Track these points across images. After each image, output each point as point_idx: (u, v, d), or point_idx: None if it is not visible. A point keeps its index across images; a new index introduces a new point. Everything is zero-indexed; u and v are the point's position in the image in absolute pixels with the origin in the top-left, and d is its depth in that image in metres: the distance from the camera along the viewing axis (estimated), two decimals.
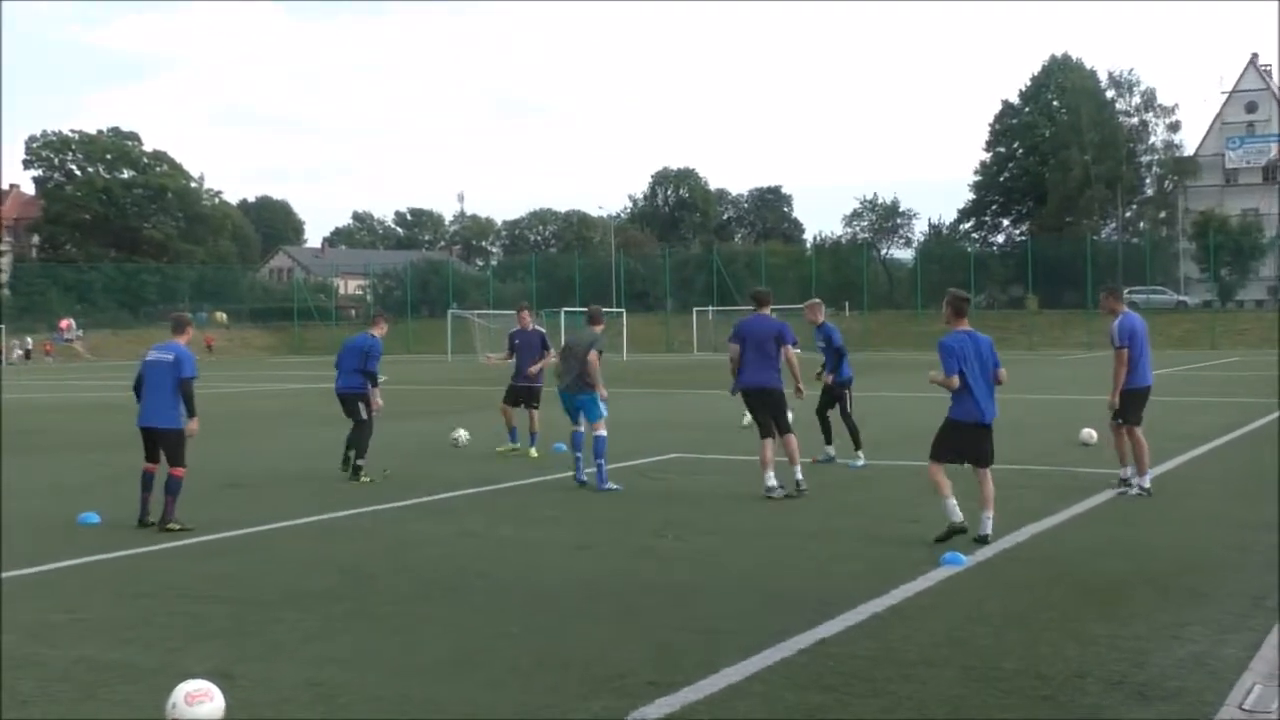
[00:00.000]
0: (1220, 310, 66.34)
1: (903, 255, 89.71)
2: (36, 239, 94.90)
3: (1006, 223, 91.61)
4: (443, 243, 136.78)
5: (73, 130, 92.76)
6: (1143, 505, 10.66)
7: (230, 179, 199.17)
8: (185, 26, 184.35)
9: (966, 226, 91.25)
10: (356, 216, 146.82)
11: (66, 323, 69.46)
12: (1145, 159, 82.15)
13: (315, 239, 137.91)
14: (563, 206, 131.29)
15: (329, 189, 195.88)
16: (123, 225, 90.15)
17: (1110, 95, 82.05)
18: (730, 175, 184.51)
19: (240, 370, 48.34)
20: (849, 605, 6.93)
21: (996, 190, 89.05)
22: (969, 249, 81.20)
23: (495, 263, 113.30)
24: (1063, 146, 79.99)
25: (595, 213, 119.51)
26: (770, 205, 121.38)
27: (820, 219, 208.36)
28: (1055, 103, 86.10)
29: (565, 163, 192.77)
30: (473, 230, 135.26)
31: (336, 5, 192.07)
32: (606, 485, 11.74)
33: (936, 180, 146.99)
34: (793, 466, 11.32)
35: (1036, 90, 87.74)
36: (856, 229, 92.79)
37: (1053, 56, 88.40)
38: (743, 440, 16.74)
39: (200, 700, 4.93)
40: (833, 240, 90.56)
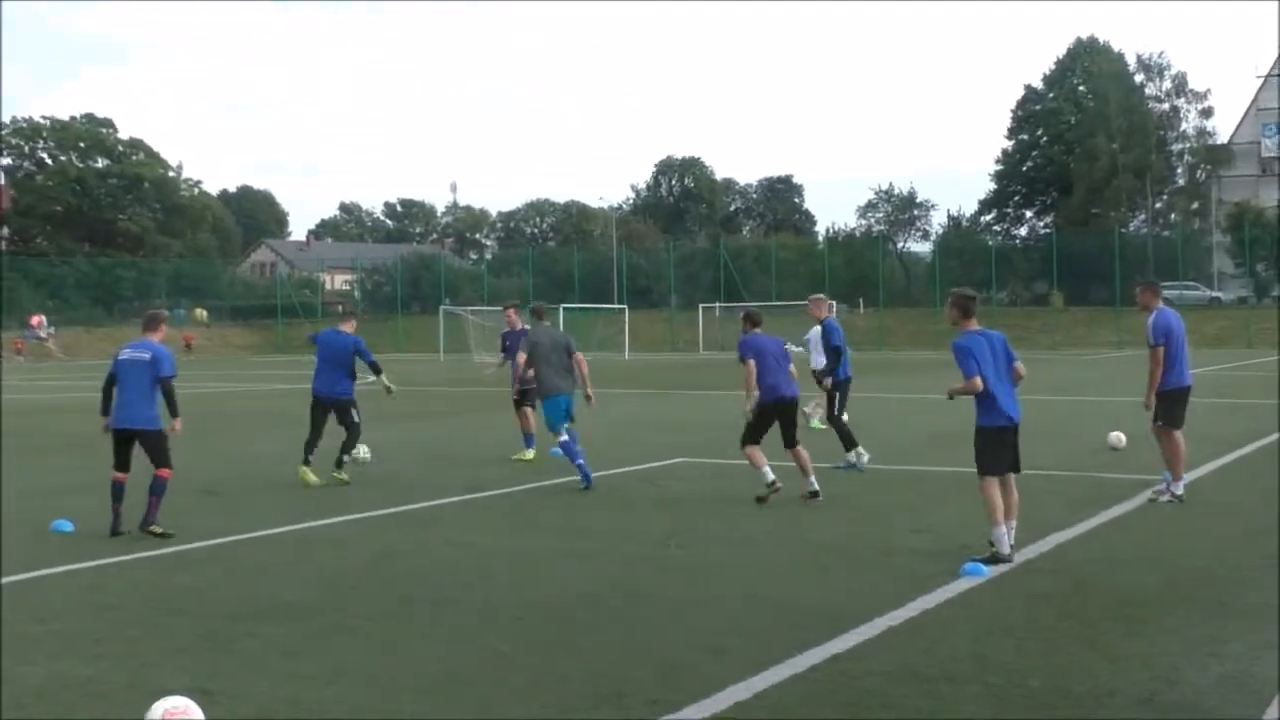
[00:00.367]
0: (1256, 307, 66.21)
1: (920, 249, 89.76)
2: (5, 231, 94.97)
3: (1029, 214, 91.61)
4: (434, 235, 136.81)
5: (44, 116, 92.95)
6: (1173, 514, 10.63)
7: (210, 168, 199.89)
8: (162, 10, 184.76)
9: (987, 218, 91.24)
10: (343, 208, 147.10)
11: (38, 319, 69.49)
12: (1176, 147, 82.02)
13: (300, 231, 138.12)
14: (561, 197, 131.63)
15: (314, 179, 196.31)
16: (96, 217, 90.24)
17: (1139, 80, 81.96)
18: (738, 164, 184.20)
19: (220, 370, 48.37)
20: (863, 619, 6.90)
21: (1019, 180, 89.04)
22: (990, 242, 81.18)
23: (490, 256, 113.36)
24: (1089, 134, 79.97)
25: (595, 204, 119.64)
26: (780, 196, 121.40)
27: (833, 210, 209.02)
28: (1081, 88, 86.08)
29: (564, 151, 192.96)
30: (466, 222, 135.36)
31: None
32: (586, 471, 12.45)
33: (956, 169, 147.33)
34: (807, 477, 11.42)
35: (1061, 74, 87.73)
36: (871, 221, 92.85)
37: (1079, 39, 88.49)
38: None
39: (179, 718, 4.95)
40: (846, 233, 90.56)
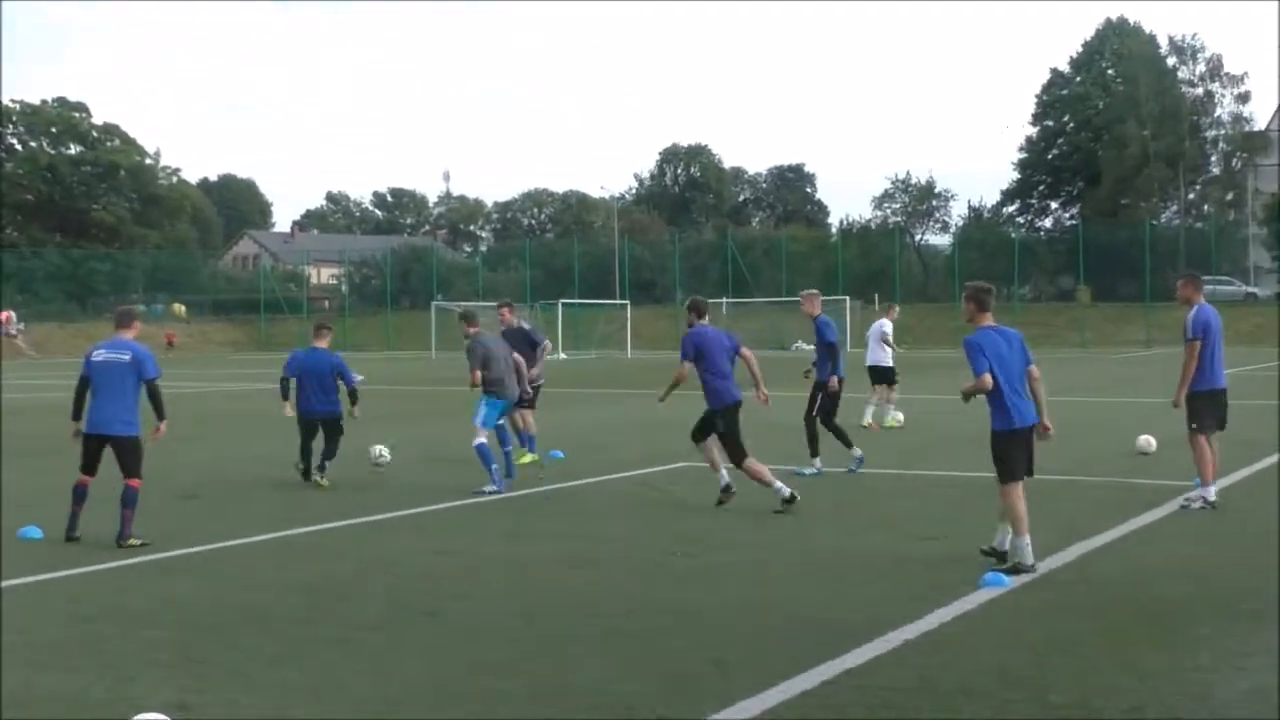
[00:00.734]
0: None
1: (939, 242, 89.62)
2: None
3: (1055, 205, 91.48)
4: (426, 227, 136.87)
5: (13, 100, 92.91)
6: (1204, 521, 10.64)
7: (190, 155, 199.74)
8: None
9: (1010, 210, 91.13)
10: (330, 197, 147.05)
11: (7, 315, 69.51)
12: (1210, 134, 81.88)
13: (284, 222, 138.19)
14: (560, 187, 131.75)
15: (300, 167, 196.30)
16: (69, 206, 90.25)
17: (1171, 63, 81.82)
18: (747, 152, 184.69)
19: (200, 368, 48.41)
20: (877, 631, 6.93)
21: (1044, 169, 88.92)
22: (1013, 234, 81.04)
23: (485, 249, 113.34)
24: (1118, 120, 79.83)
25: (596, 194, 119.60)
26: (791, 185, 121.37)
27: (847, 201, 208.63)
28: (1110, 71, 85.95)
29: (563, 138, 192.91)
30: (460, 213, 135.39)
31: None
32: (512, 477, 13.15)
33: (977, 158, 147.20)
34: (718, 471, 11.58)
35: (1089, 57, 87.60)
36: (887, 212, 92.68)
37: (1107, 20, 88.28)
38: (760, 449, 16.72)
39: None
40: (861, 225, 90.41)
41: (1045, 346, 57.22)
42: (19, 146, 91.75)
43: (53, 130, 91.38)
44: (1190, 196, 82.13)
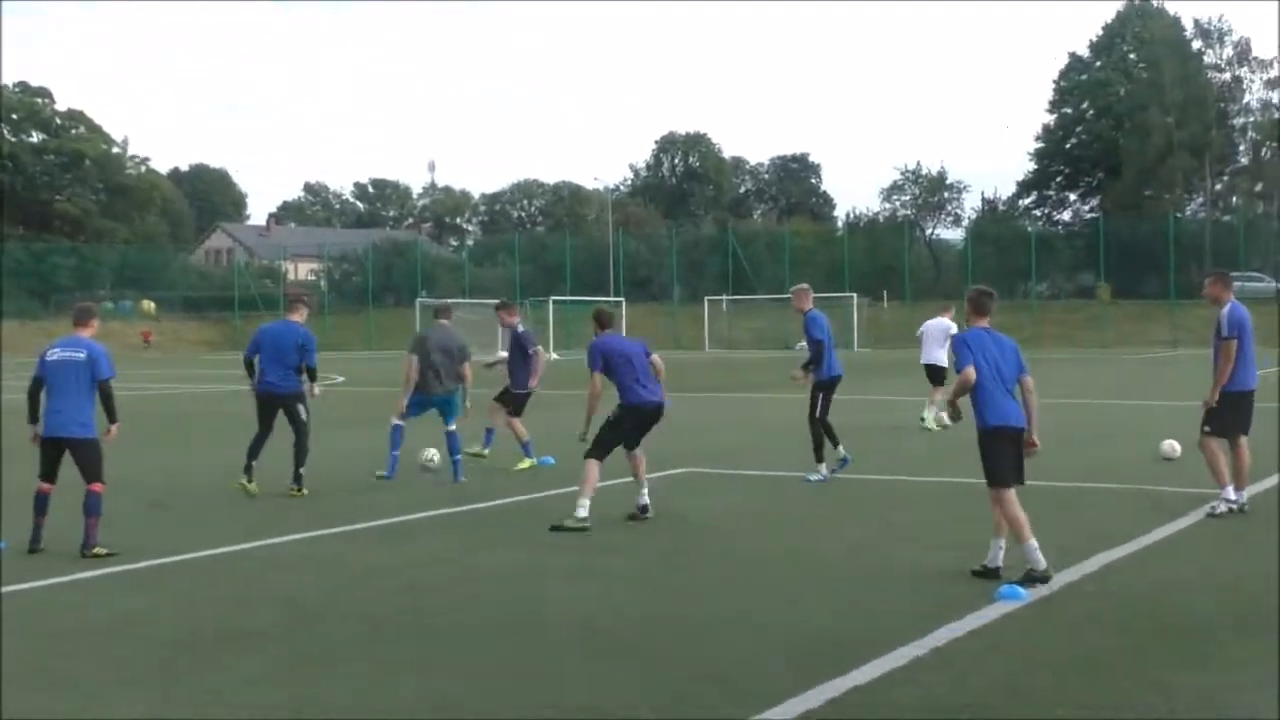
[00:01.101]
0: None
1: (951, 236, 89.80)
2: None
3: (1073, 197, 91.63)
4: (410, 220, 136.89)
5: None
6: (1233, 530, 10.66)
7: (159, 143, 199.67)
8: None
9: (1026, 202, 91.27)
10: (308, 188, 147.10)
11: None
12: (1238, 121, 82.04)
13: (260, 215, 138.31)
14: (552, 177, 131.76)
15: (276, 156, 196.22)
16: (31, 198, 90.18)
17: (1197, 46, 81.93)
18: (748, 141, 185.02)
19: (171, 368, 48.40)
20: (886, 647, 6.94)
21: (1062, 159, 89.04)
22: (1029, 228, 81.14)
23: (472, 243, 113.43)
24: (1140, 107, 79.90)
25: (590, 185, 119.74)
26: (795, 176, 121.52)
27: (854, 193, 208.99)
28: (1132, 55, 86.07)
29: (555, 126, 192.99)
30: (445, 205, 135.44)
31: None
32: (461, 479, 14.00)
33: (991, 147, 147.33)
34: (641, 488, 11.56)
35: (1110, 41, 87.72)
36: (896, 204, 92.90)
37: (1129, 1, 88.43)
38: (764, 454, 16.76)
39: None
40: (869, 218, 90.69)
41: (1063, 347, 57.34)
42: None
43: (14, 116, 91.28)
44: (1217, 188, 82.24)
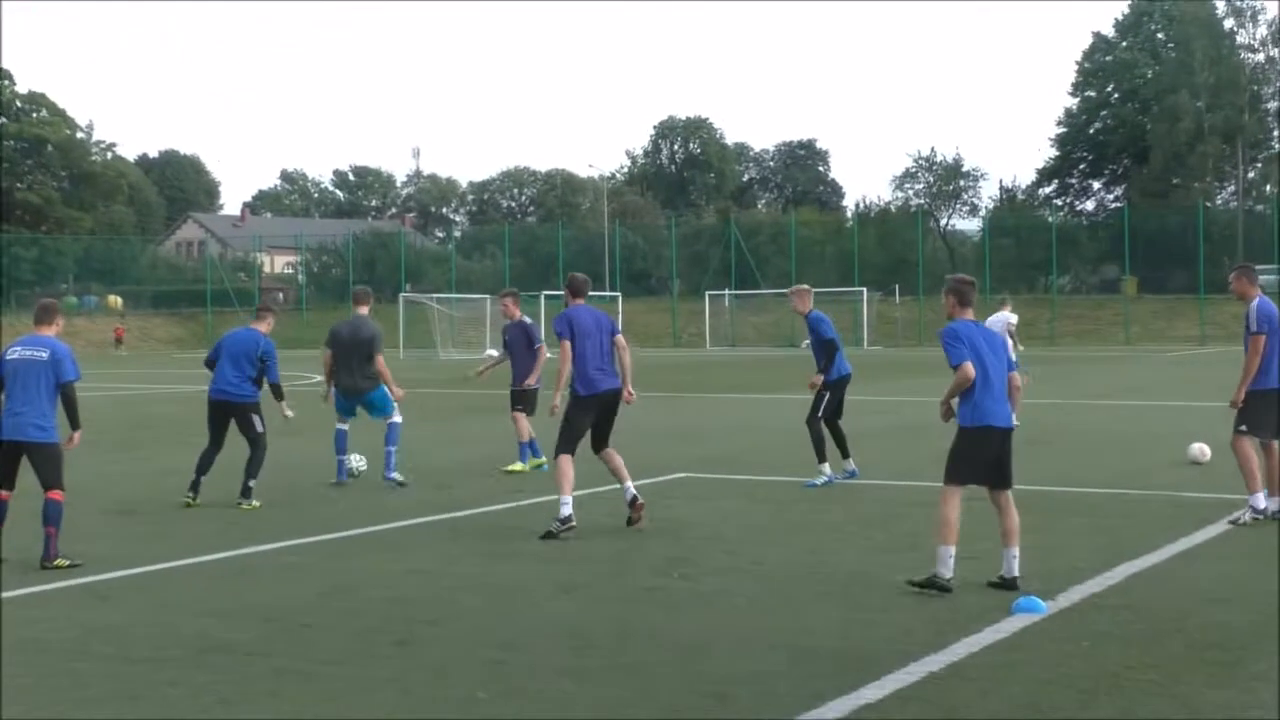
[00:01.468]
0: None
1: (967, 226, 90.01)
2: None
3: (1097, 186, 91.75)
4: (393, 209, 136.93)
5: None
6: (1263, 539, 10.63)
7: (127, 128, 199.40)
8: None
9: (1047, 191, 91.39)
10: (285, 176, 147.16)
11: None
12: (1273, 105, 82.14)
13: (234, 204, 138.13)
14: (544, 165, 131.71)
15: (251, 142, 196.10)
16: None
17: (1229, 25, 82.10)
18: (752, 126, 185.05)
19: (139, 368, 48.40)
20: (898, 663, 6.95)
21: (1085, 145, 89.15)
22: (1050, 218, 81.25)
23: (459, 234, 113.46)
24: (1169, 90, 79.99)
25: (584, 173, 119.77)
26: (802, 163, 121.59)
27: (864, 181, 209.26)
28: (1160, 35, 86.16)
29: (547, 111, 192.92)
30: (431, 194, 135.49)
31: None
32: (393, 475, 14.15)
33: (1009, 133, 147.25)
34: (624, 484, 11.53)
35: (1136, 20, 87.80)
36: (909, 193, 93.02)
37: None
38: (767, 458, 16.77)
39: None
40: (880, 208, 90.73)
41: (1087, 343, 57.49)
42: None
43: None
44: (1250, 175, 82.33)
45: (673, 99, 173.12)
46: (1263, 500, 11.24)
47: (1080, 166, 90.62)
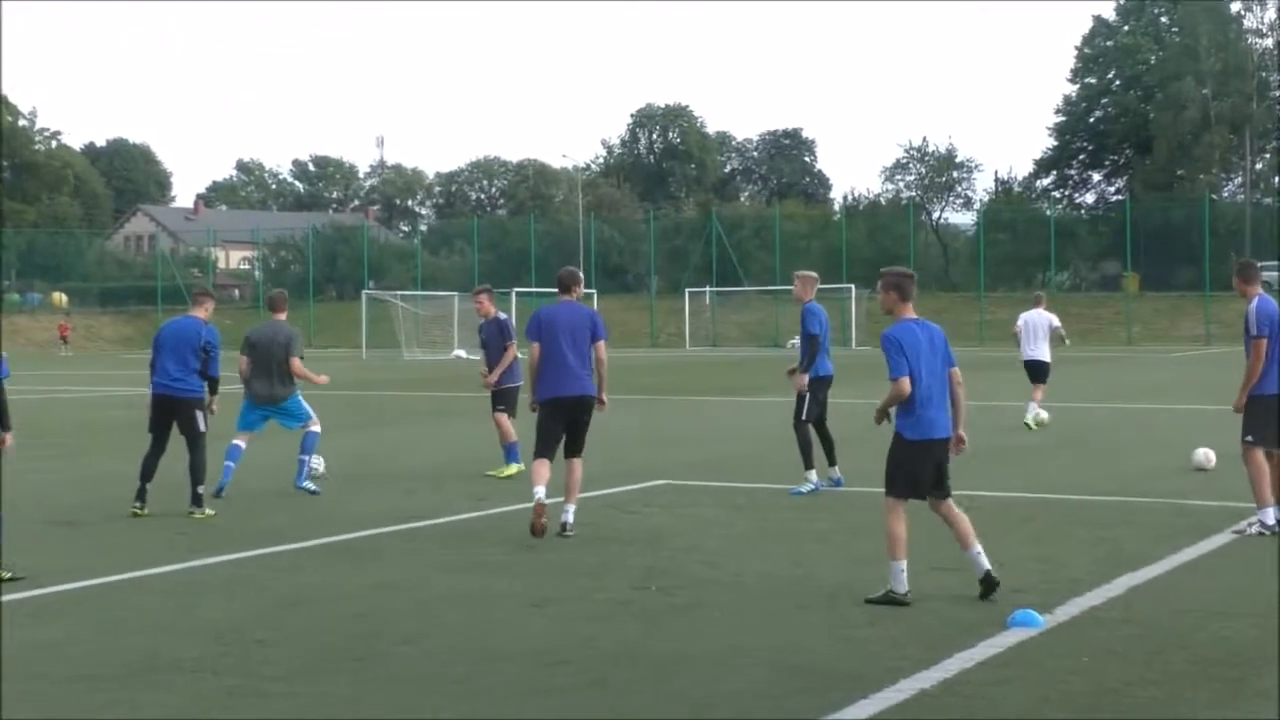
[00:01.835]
0: None
1: (961, 220, 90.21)
2: None
3: (1098, 178, 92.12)
4: (356, 202, 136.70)
5: None
6: (1268, 550, 10.66)
7: (73, 116, 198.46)
8: None
9: (1045, 183, 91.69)
10: (241, 167, 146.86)
11: None
12: None
13: (186, 196, 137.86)
14: (515, 155, 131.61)
15: (205, 130, 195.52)
16: None
17: (1236, 9, 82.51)
18: (734, 115, 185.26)
19: (85, 368, 48.19)
20: (888, 680, 6.95)
21: (1085, 134, 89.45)
22: (1048, 212, 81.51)
23: (425, 228, 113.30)
24: (1173, 77, 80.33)
25: (558, 163, 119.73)
26: (787, 154, 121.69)
27: (853, 173, 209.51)
28: (1164, 19, 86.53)
29: (518, 98, 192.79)
30: (396, 186, 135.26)
31: None
32: (305, 484, 14.13)
33: (1005, 122, 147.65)
34: (568, 503, 11.54)
35: (1139, 3, 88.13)
36: (900, 185, 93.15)
37: None
38: (750, 465, 16.78)
39: None
40: (869, 200, 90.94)
41: (1087, 344, 57.57)
42: None
43: None
44: (1258, 167, 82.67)
45: (651, 86, 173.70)
46: (1272, 516, 11.24)
47: (1080, 157, 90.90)
